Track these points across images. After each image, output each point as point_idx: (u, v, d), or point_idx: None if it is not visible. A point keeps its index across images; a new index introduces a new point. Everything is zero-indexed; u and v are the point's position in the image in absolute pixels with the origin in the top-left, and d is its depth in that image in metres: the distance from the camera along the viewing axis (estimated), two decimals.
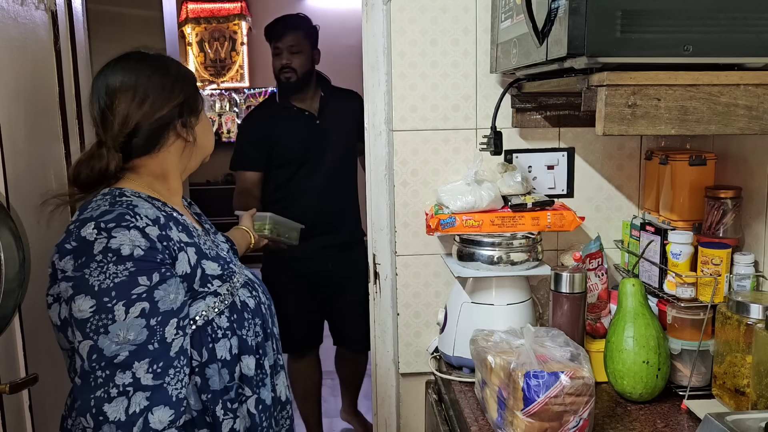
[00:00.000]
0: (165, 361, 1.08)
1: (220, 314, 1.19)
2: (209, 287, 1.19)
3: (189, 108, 1.23)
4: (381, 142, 1.76)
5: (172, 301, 1.10)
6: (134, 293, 1.06)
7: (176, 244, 1.15)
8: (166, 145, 1.21)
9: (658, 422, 1.33)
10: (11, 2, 1.47)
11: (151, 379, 1.06)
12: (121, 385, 1.05)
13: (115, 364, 1.05)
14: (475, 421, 1.35)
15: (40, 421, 1.49)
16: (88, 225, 1.08)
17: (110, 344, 1.05)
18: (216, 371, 1.17)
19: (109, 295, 1.05)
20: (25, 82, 1.54)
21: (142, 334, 1.06)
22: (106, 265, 1.06)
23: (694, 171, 1.55)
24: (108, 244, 1.06)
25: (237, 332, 1.20)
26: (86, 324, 1.05)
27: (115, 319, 1.05)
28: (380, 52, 1.73)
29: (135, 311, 1.06)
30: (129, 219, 1.09)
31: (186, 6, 5.46)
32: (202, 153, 1.30)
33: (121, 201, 1.14)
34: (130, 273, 1.06)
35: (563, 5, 1.08)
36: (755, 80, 1.10)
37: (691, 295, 1.44)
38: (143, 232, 1.09)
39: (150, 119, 1.18)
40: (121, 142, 1.17)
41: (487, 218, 1.55)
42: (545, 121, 1.72)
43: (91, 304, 1.05)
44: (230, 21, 5.54)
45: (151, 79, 1.20)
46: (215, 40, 5.55)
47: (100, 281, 1.05)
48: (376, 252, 1.82)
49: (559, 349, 1.26)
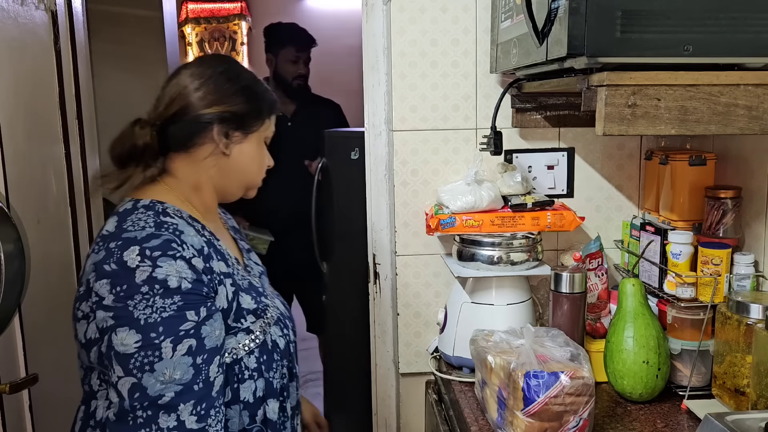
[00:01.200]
0: (208, 402, 1.02)
1: (250, 354, 1.12)
2: (242, 323, 1.12)
3: (239, 122, 1.15)
4: (381, 142, 1.76)
5: (217, 337, 1.05)
6: (182, 329, 1.00)
7: (217, 276, 1.09)
8: (201, 148, 1.14)
9: (658, 422, 1.33)
10: (11, 2, 1.47)
11: (195, 422, 1.00)
12: (165, 428, 0.99)
13: (159, 405, 0.99)
14: (475, 421, 1.35)
15: (40, 421, 1.49)
16: (132, 249, 1.01)
17: (155, 383, 0.98)
18: (237, 413, 1.11)
19: (157, 331, 0.99)
20: (25, 82, 1.54)
21: (188, 373, 1.00)
22: (152, 298, 0.99)
23: (694, 171, 1.55)
24: (153, 273, 1.00)
25: (264, 374, 1.14)
26: (130, 359, 0.99)
27: (162, 357, 0.98)
28: (380, 52, 1.73)
29: (182, 349, 1.00)
30: (175, 248, 1.03)
31: (186, 6, 5.46)
32: (240, 177, 1.20)
33: (167, 224, 1.06)
34: (179, 307, 1.00)
35: (563, 5, 1.08)
36: (755, 80, 1.10)
37: (691, 295, 1.44)
38: (190, 263, 1.03)
39: (194, 111, 1.12)
40: (158, 123, 1.12)
41: (487, 218, 1.55)
42: (545, 121, 1.72)
43: (137, 339, 0.98)
44: (230, 21, 5.53)
45: (218, 77, 1.14)
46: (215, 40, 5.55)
47: (146, 315, 0.99)
48: (376, 252, 1.82)
49: (559, 349, 1.26)
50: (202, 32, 5.54)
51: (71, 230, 1.76)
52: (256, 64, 5.59)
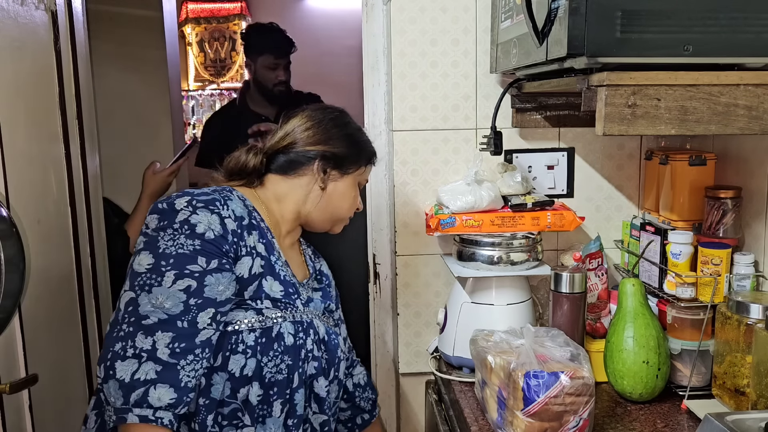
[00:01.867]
0: (187, 343, 1.08)
1: (251, 331, 1.17)
2: (257, 303, 1.19)
3: (337, 162, 1.30)
4: (381, 142, 1.76)
5: (219, 292, 1.12)
6: (188, 269, 1.10)
7: (246, 247, 1.18)
8: (300, 177, 1.29)
9: (658, 422, 1.33)
10: (11, 2, 1.47)
11: (167, 356, 1.07)
12: (139, 348, 1.06)
13: (141, 325, 1.07)
14: (475, 421, 1.35)
15: (40, 421, 1.49)
16: (185, 197, 1.16)
17: (147, 303, 1.08)
18: (222, 381, 1.16)
19: (168, 261, 1.10)
20: (25, 82, 1.54)
21: (177, 307, 1.08)
22: (179, 236, 1.11)
23: (694, 171, 1.55)
24: (189, 217, 1.12)
25: (257, 356, 1.17)
26: (137, 277, 1.10)
27: (161, 283, 1.08)
28: (380, 52, 1.73)
29: (181, 284, 1.09)
30: (217, 206, 1.16)
31: (186, 6, 5.46)
32: (330, 211, 1.33)
33: (222, 191, 1.21)
34: (194, 250, 1.11)
35: (563, 5, 1.08)
36: (755, 80, 1.10)
37: (691, 295, 1.44)
38: (222, 220, 1.15)
39: (302, 146, 1.28)
40: (269, 152, 1.29)
41: (487, 218, 1.55)
42: (545, 121, 1.72)
43: (150, 262, 1.10)
44: (230, 21, 5.53)
45: (328, 122, 1.31)
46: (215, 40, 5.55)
47: (166, 245, 1.11)
48: (376, 252, 1.82)
49: (559, 349, 1.26)
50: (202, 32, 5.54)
51: (71, 230, 1.75)
52: None
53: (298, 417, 1.23)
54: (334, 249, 2.53)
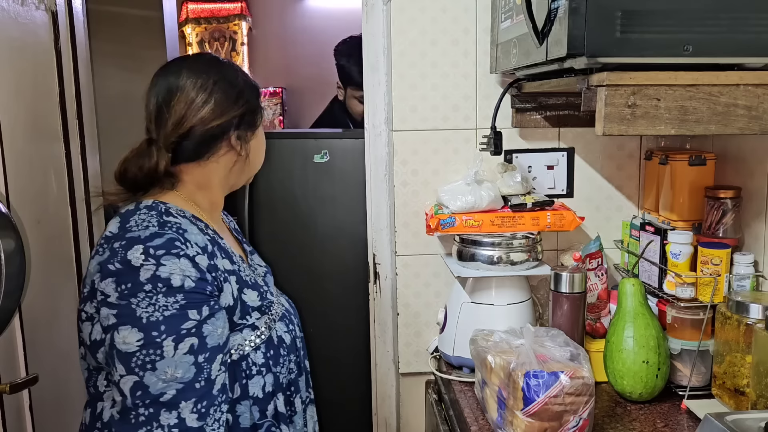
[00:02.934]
0: (209, 400, 1.03)
1: (256, 349, 1.13)
2: (248, 319, 1.14)
3: (248, 121, 1.18)
4: (381, 142, 1.76)
5: (219, 336, 1.05)
6: (184, 328, 1.01)
7: (222, 274, 1.10)
8: (216, 155, 1.16)
9: (658, 422, 1.33)
10: (12, 2, 1.47)
11: (195, 420, 1.01)
12: (166, 426, 1.00)
13: (160, 403, 1.00)
14: (475, 421, 1.35)
15: (40, 421, 1.49)
16: (136, 248, 1.02)
17: (157, 381, 0.99)
18: (247, 408, 1.12)
19: (159, 330, 0.99)
20: (25, 82, 1.54)
21: (189, 371, 1.01)
22: (155, 296, 1.00)
23: (693, 171, 1.55)
24: (156, 272, 1.00)
25: (272, 369, 1.15)
26: (131, 358, 0.99)
27: (163, 356, 0.99)
28: (380, 52, 1.73)
29: (184, 347, 1.00)
30: (179, 246, 1.03)
31: (186, 6, 5.46)
32: (251, 170, 1.24)
33: (170, 223, 1.07)
34: (181, 306, 1.01)
35: (563, 5, 1.08)
36: (755, 80, 1.10)
37: (690, 295, 1.44)
38: (193, 262, 1.04)
39: (206, 125, 1.12)
40: (172, 142, 1.12)
41: (487, 218, 1.55)
42: (545, 121, 1.72)
43: (138, 338, 0.99)
44: (230, 21, 5.53)
45: (217, 84, 1.14)
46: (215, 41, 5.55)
47: (149, 313, 0.99)
48: (376, 252, 1.82)
49: (559, 349, 1.26)
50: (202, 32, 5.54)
51: (71, 230, 1.76)
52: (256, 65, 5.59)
53: (306, 401, 1.26)
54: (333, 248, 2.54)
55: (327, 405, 2.88)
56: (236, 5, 5.49)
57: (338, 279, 2.73)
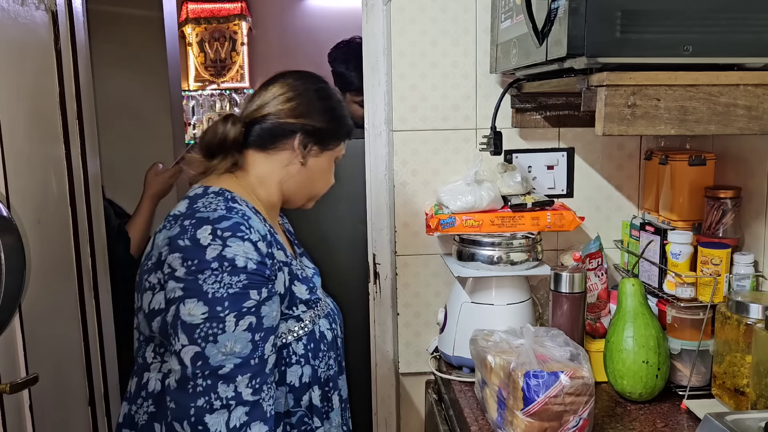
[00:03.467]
0: (262, 377, 1.08)
1: (298, 340, 1.19)
2: (294, 310, 1.20)
3: (318, 138, 1.24)
4: (381, 142, 1.76)
5: (273, 318, 1.12)
6: (245, 306, 1.07)
7: (277, 263, 1.17)
8: (279, 152, 1.23)
9: (658, 422, 1.33)
10: (11, 2, 1.47)
11: (250, 395, 1.06)
12: (225, 397, 1.04)
13: (219, 375, 1.05)
14: (475, 420, 1.35)
15: (40, 421, 1.49)
16: (205, 228, 1.08)
17: (217, 353, 1.05)
18: (283, 394, 1.17)
19: (222, 305, 1.05)
20: (25, 82, 1.54)
21: (247, 348, 1.06)
22: (221, 274, 1.06)
23: (693, 171, 1.55)
24: (222, 252, 1.06)
25: (311, 362, 1.20)
26: (195, 329, 1.05)
27: (225, 330, 1.05)
28: (380, 52, 1.73)
29: (244, 324, 1.06)
30: (244, 230, 1.10)
31: (186, 6, 5.46)
32: (308, 187, 1.29)
33: (236, 209, 1.14)
34: (244, 286, 1.07)
35: (563, 5, 1.08)
36: (755, 80, 1.10)
37: (690, 295, 1.44)
38: (255, 246, 1.10)
39: (279, 118, 1.21)
40: (246, 119, 1.21)
41: (487, 218, 1.55)
42: (545, 121, 1.72)
43: (204, 311, 1.05)
44: (230, 21, 5.53)
45: (311, 93, 1.24)
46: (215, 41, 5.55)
47: (214, 289, 1.05)
48: (376, 252, 1.82)
49: (559, 349, 1.26)
50: (202, 32, 5.54)
51: (71, 230, 1.75)
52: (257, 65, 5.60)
53: (345, 401, 1.29)
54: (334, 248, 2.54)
55: None
56: (236, 5, 5.49)
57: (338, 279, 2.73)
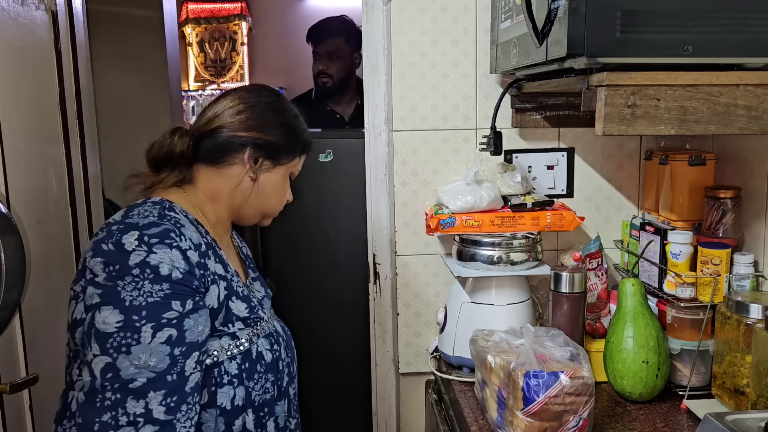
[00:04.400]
0: (180, 395, 1.01)
1: (232, 359, 1.12)
2: (229, 327, 1.13)
3: (270, 152, 1.20)
4: (381, 142, 1.76)
5: (199, 333, 1.05)
6: (165, 317, 1.00)
7: (211, 275, 1.10)
8: (229, 167, 1.18)
9: (658, 422, 1.33)
10: (11, 2, 1.47)
11: (163, 413, 0.99)
12: (132, 414, 0.98)
13: (129, 389, 0.98)
14: (475, 420, 1.35)
15: (40, 421, 1.49)
16: (132, 233, 1.03)
17: (129, 366, 0.98)
18: (213, 417, 1.10)
19: (139, 314, 0.99)
20: (25, 82, 1.54)
21: (163, 362, 1.00)
22: (141, 281, 1.00)
23: (693, 171, 1.55)
24: (147, 258, 1.01)
25: (245, 383, 1.13)
26: (108, 338, 0.99)
27: (140, 341, 0.99)
28: (380, 53, 1.73)
29: (162, 336, 1.00)
30: (173, 237, 1.04)
31: (186, 6, 5.46)
32: (260, 203, 1.24)
33: (169, 216, 1.09)
34: (165, 295, 1.01)
35: (563, 5, 1.08)
36: (755, 80, 1.10)
37: (690, 295, 1.44)
38: (184, 254, 1.04)
39: (230, 131, 1.17)
40: (195, 132, 1.18)
41: (487, 218, 1.55)
42: (545, 121, 1.72)
43: (118, 319, 0.99)
44: (230, 21, 5.53)
45: (263, 106, 1.21)
46: (215, 40, 5.55)
47: (132, 297, 0.99)
48: (376, 252, 1.82)
49: (559, 349, 1.26)
50: (202, 32, 5.55)
51: (71, 230, 1.75)
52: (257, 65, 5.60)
53: (282, 429, 1.22)
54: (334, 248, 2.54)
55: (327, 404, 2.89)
56: (236, 5, 5.49)
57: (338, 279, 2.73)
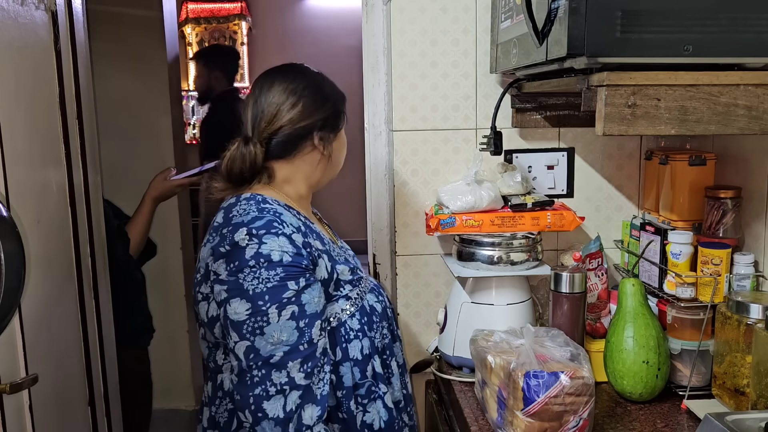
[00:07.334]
0: (313, 361, 1.15)
1: (352, 317, 1.26)
2: (342, 291, 1.26)
3: (331, 124, 1.30)
4: (381, 142, 1.76)
5: (316, 304, 1.18)
6: (284, 297, 1.13)
7: (316, 251, 1.22)
8: (302, 154, 1.28)
9: (658, 422, 1.33)
10: (11, 2, 1.47)
11: (303, 378, 1.13)
12: (278, 383, 1.12)
13: (271, 364, 1.12)
14: (475, 421, 1.35)
15: (40, 421, 1.49)
16: (241, 231, 1.16)
17: (266, 344, 1.12)
18: (349, 369, 1.24)
19: (263, 299, 1.13)
20: (25, 82, 1.54)
21: (293, 335, 1.13)
22: (258, 270, 1.13)
23: (694, 171, 1.55)
24: (259, 249, 1.14)
25: (367, 334, 1.27)
26: (242, 326, 1.13)
27: (269, 321, 1.12)
28: (380, 52, 1.73)
29: (286, 314, 1.13)
30: (277, 226, 1.17)
31: (186, 6, 5.46)
32: (333, 170, 1.35)
33: (267, 209, 1.20)
34: (281, 278, 1.14)
35: (563, 5, 1.08)
36: (755, 80, 1.10)
37: (691, 295, 1.44)
38: (290, 239, 1.17)
39: (293, 125, 1.25)
40: (264, 139, 1.26)
41: (487, 218, 1.55)
42: (545, 121, 1.72)
43: (247, 308, 1.13)
44: (230, 21, 5.54)
45: (306, 90, 1.27)
46: (215, 40, 5.55)
47: (254, 286, 1.13)
48: (376, 252, 1.82)
49: (559, 349, 1.26)
50: (202, 32, 5.55)
51: (71, 230, 1.75)
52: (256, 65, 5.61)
53: (402, 366, 1.37)
54: None
55: None
56: (236, 5, 5.49)
57: None
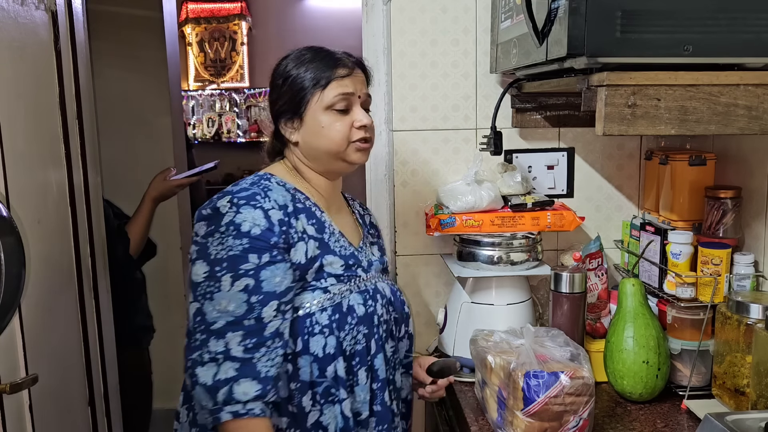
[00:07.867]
0: (258, 338, 1.13)
1: (322, 311, 1.22)
2: (321, 282, 1.23)
3: (290, 112, 1.27)
4: (381, 142, 1.76)
5: (276, 284, 1.15)
6: (242, 268, 1.13)
7: (297, 233, 1.20)
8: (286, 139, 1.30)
9: (658, 422, 1.33)
10: (11, 2, 1.47)
11: (241, 352, 1.12)
12: (214, 351, 1.12)
13: (211, 330, 1.12)
14: (475, 421, 1.35)
15: (40, 421, 1.48)
16: (225, 198, 1.18)
17: (212, 311, 1.13)
18: (308, 363, 1.20)
19: (221, 265, 1.13)
20: (25, 82, 1.54)
21: (241, 308, 1.13)
22: (226, 237, 1.14)
23: (694, 171, 1.55)
24: (234, 218, 1.15)
25: (335, 332, 1.22)
26: (197, 287, 1.15)
27: (220, 289, 1.13)
28: (380, 52, 1.73)
29: (239, 285, 1.13)
30: (259, 199, 1.18)
31: (186, 6, 5.46)
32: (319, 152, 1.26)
33: (263, 184, 1.22)
34: (244, 249, 1.14)
35: (563, 5, 1.08)
36: (755, 80, 1.10)
37: (691, 295, 1.44)
38: (266, 213, 1.17)
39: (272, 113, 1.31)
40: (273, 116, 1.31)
41: (487, 218, 1.55)
42: (545, 121, 1.72)
43: (205, 270, 1.14)
44: (230, 21, 5.53)
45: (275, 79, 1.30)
46: (215, 40, 5.55)
47: (216, 251, 1.14)
48: None
49: (559, 349, 1.26)
50: (202, 32, 5.54)
51: (71, 230, 1.75)
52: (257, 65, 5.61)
53: (382, 380, 1.28)
54: None
55: None
56: (236, 5, 5.49)
57: None
